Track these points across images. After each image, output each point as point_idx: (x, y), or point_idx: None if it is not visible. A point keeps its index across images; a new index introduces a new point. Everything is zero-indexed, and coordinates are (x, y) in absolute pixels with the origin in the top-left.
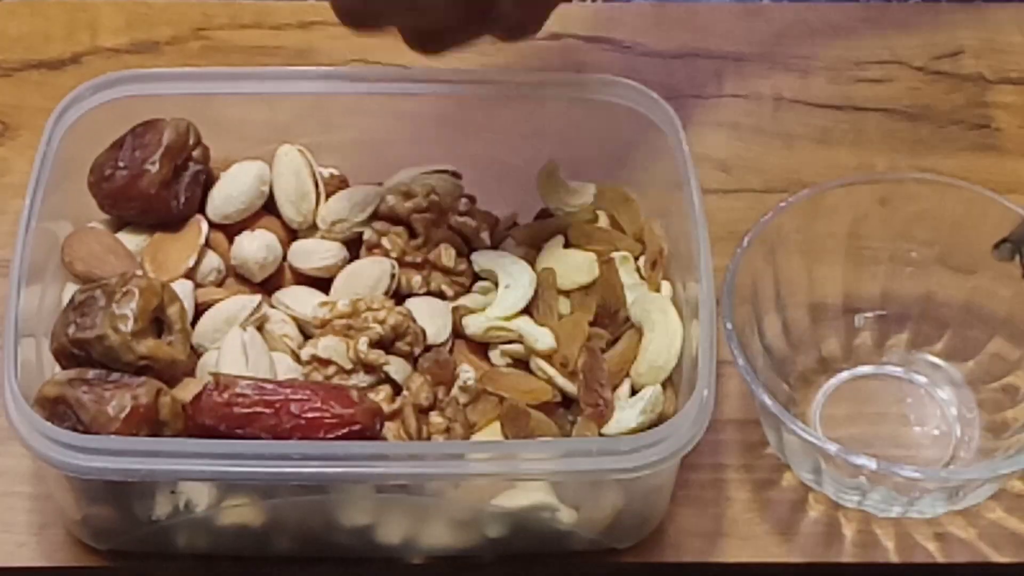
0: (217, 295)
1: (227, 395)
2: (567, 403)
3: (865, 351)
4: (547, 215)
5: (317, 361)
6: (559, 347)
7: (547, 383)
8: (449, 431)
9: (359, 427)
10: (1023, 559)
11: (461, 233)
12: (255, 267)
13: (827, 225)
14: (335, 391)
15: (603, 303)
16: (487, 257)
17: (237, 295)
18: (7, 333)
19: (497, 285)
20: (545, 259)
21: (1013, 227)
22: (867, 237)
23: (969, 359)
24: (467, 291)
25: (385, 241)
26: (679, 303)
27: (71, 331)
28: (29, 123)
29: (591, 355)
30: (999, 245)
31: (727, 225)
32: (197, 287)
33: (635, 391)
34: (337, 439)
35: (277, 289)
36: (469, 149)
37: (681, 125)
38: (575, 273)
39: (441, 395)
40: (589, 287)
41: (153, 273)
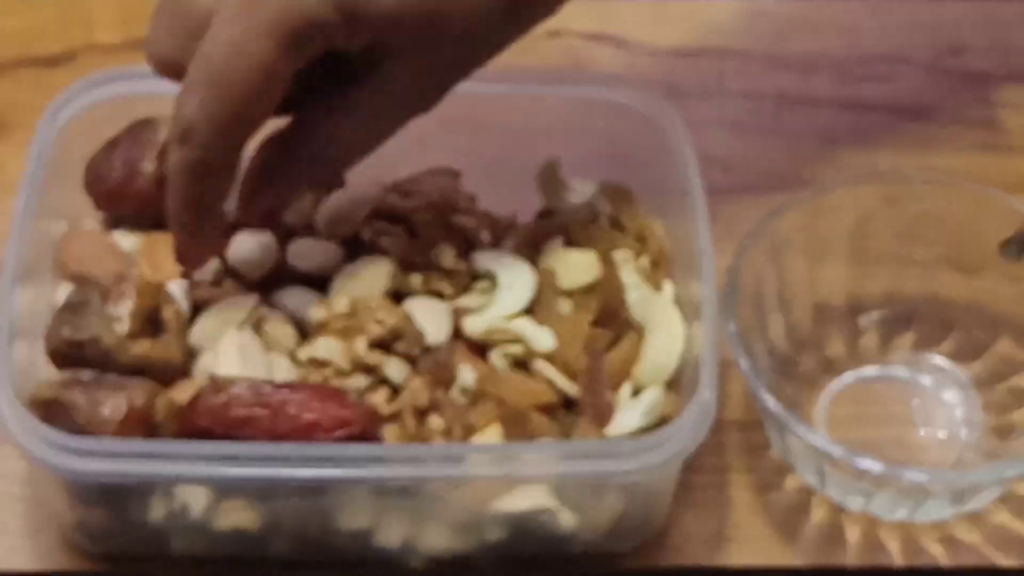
0: (214, 295)
1: (224, 397)
2: (568, 405)
3: (870, 352)
4: (547, 214)
5: (315, 362)
6: (560, 348)
7: (548, 385)
8: (448, 433)
9: (357, 429)
10: None
11: (461, 233)
12: (251, 267)
13: (831, 225)
14: (332, 393)
15: (604, 303)
16: (487, 257)
17: (234, 296)
18: (0, 334)
19: (497, 285)
20: (546, 259)
21: (1019, 226)
22: (872, 237)
23: (975, 360)
24: (467, 291)
25: (385, 241)
26: (681, 304)
27: (66, 332)
28: (23, 121)
29: (592, 356)
30: (1005, 245)
31: (730, 225)
32: (193, 287)
33: (636, 392)
34: (334, 441)
35: (276, 290)
36: (469, 148)
37: (683, 123)
38: (576, 273)
39: (440, 397)
40: (590, 287)
41: (149, 273)
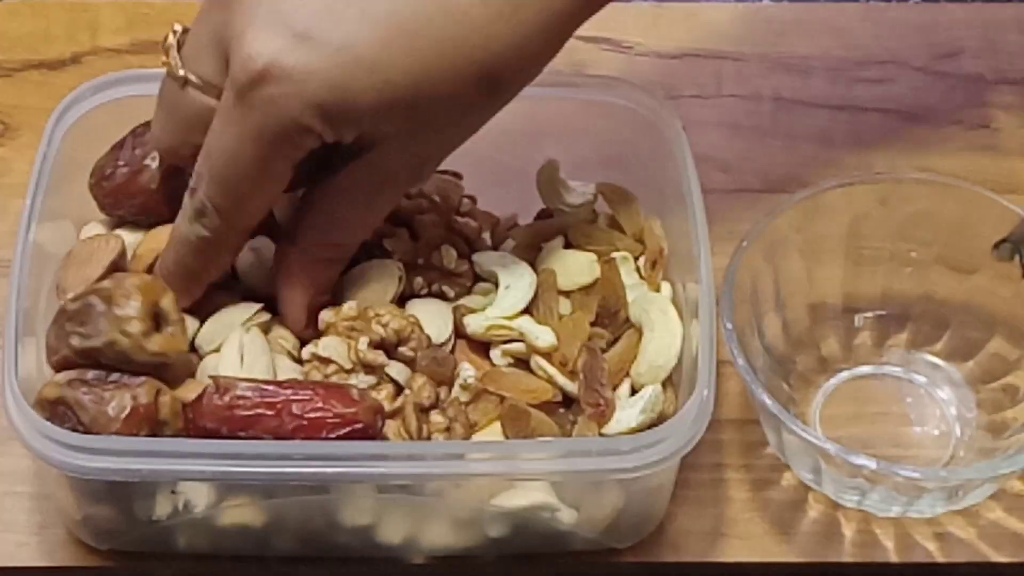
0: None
1: (228, 398)
2: (568, 403)
3: (865, 351)
4: (547, 215)
5: (317, 360)
6: (560, 347)
7: (548, 382)
8: (450, 430)
9: (361, 425)
10: (1023, 559)
11: (463, 234)
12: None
13: (827, 225)
14: (336, 390)
15: (604, 303)
16: (488, 258)
17: (241, 302)
18: (8, 334)
19: (498, 286)
20: (546, 260)
21: (1013, 227)
22: (867, 237)
23: (969, 359)
24: (468, 292)
25: (387, 243)
26: (679, 303)
27: (75, 342)
28: (29, 123)
29: (591, 355)
30: (999, 245)
31: (727, 225)
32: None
33: (635, 391)
34: (339, 438)
35: None
36: (469, 149)
37: (681, 124)
38: (576, 274)
39: (442, 395)
40: (590, 287)
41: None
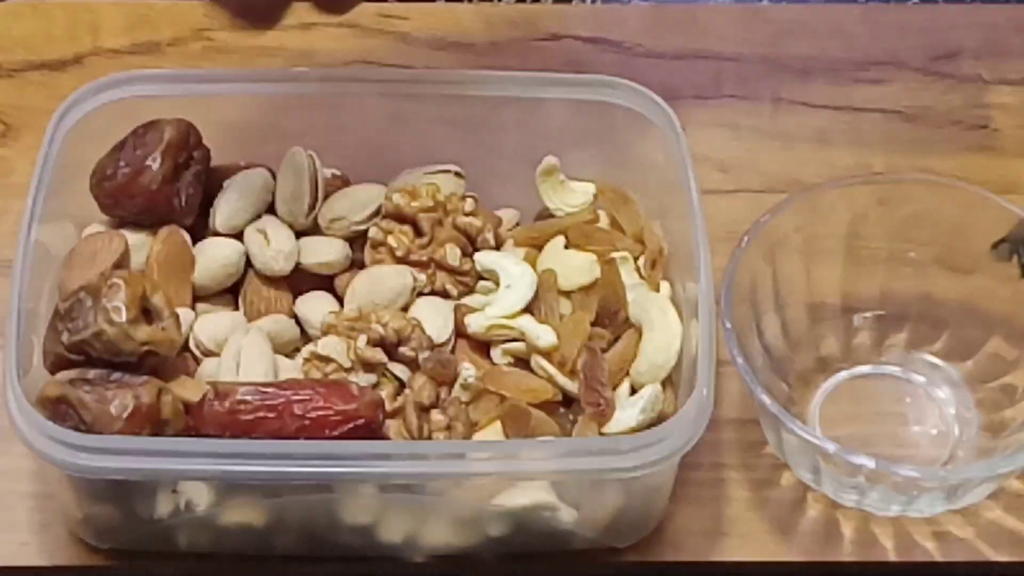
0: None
1: (228, 403)
2: (568, 402)
3: (864, 351)
4: (547, 215)
5: (317, 358)
6: (560, 346)
7: (548, 382)
8: (450, 429)
9: (363, 421)
10: (1021, 558)
11: (466, 233)
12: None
13: (826, 225)
14: (336, 387)
15: (604, 303)
16: (489, 257)
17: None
18: (9, 333)
19: (498, 285)
20: (546, 260)
21: (1011, 227)
22: (866, 237)
23: (967, 359)
24: (471, 291)
25: (391, 239)
26: (678, 303)
27: (65, 338)
28: (31, 124)
29: (591, 354)
30: (997, 245)
31: (726, 225)
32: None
33: (635, 390)
34: (342, 435)
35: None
36: (469, 150)
37: (680, 125)
38: (576, 274)
39: (443, 394)
40: (590, 287)
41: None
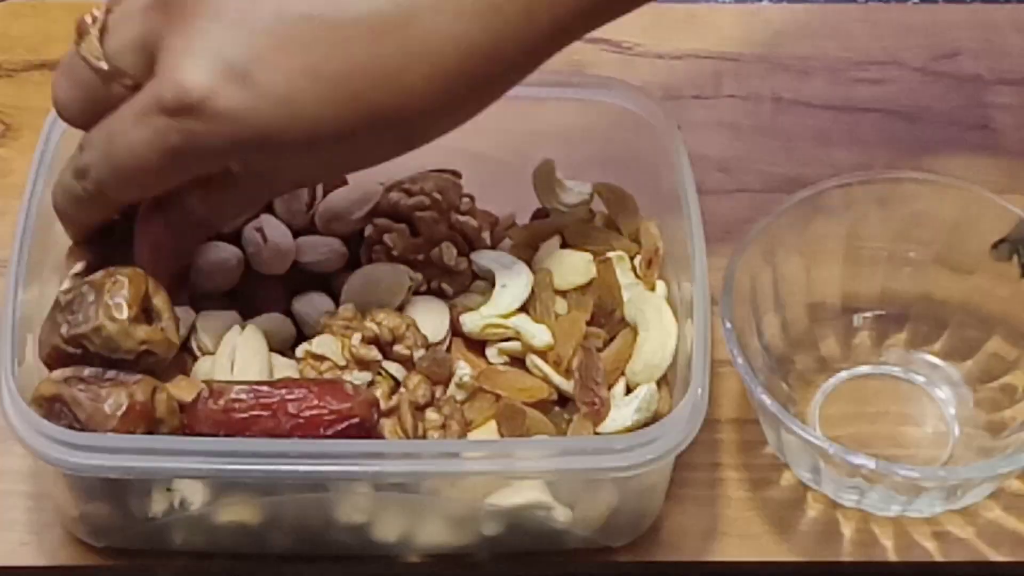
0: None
1: (222, 402)
2: (563, 401)
3: (864, 351)
4: (543, 215)
5: (311, 357)
6: (555, 346)
7: (543, 381)
8: (445, 428)
9: (358, 420)
10: (1021, 558)
11: (462, 232)
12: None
13: (826, 225)
14: (330, 386)
15: (600, 303)
16: (485, 257)
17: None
18: (4, 332)
19: (494, 284)
20: (542, 259)
21: (1011, 227)
22: (866, 237)
23: (967, 359)
24: (467, 290)
25: (387, 238)
26: (674, 302)
27: (64, 331)
28: (31, 124)
29: (586, 353)
30: (997, 245)
31: (726, 225)
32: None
33: (630, 390)
34: (337, 434)
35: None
36: (468, 149)
37: (677, 125)
38: (572, 274)
39: (439, 393)
40: (586, 287)
41: None
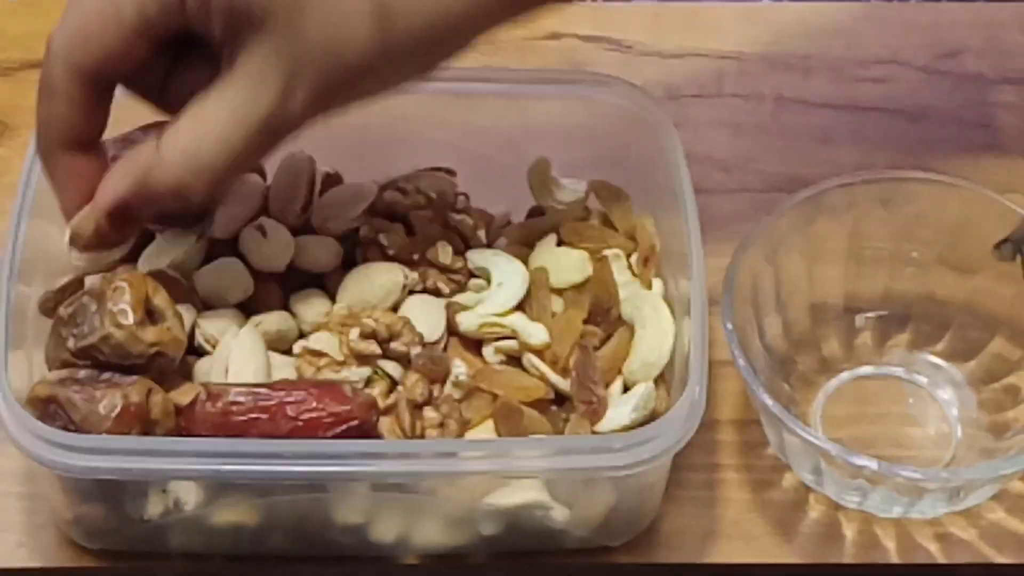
0: None
1: (220, 405)
2: (560, 400)
3: (866, 351)
4: (538, 212)
5: (309, 353)
6: (552, 345)
7: (540, 380)
8: (443, 426)
9: (356, 423)
10: None
11: (458, 231)
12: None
13: (828, 225)
14: (329, 388)
15: (596, 301)
16: (481, 255)
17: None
18: None
19: (490, 283)
20: (538, 258)
21: (1014, 227)
22: (868, 237)
23: (970, 359)
24: (463, 289)
25: (382, 237)
26: (671, 301)
27: (71, 344)
28: (29, 123)
29: (583, 352)
30: (1000, 245)
31: (728, 225)
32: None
33: (627, 388)
34: (335, 437)
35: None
36: (464, 147)
37: (673, 122)
38: (568, 272)
39: (436, 392)
40: (582, 285)
41: None
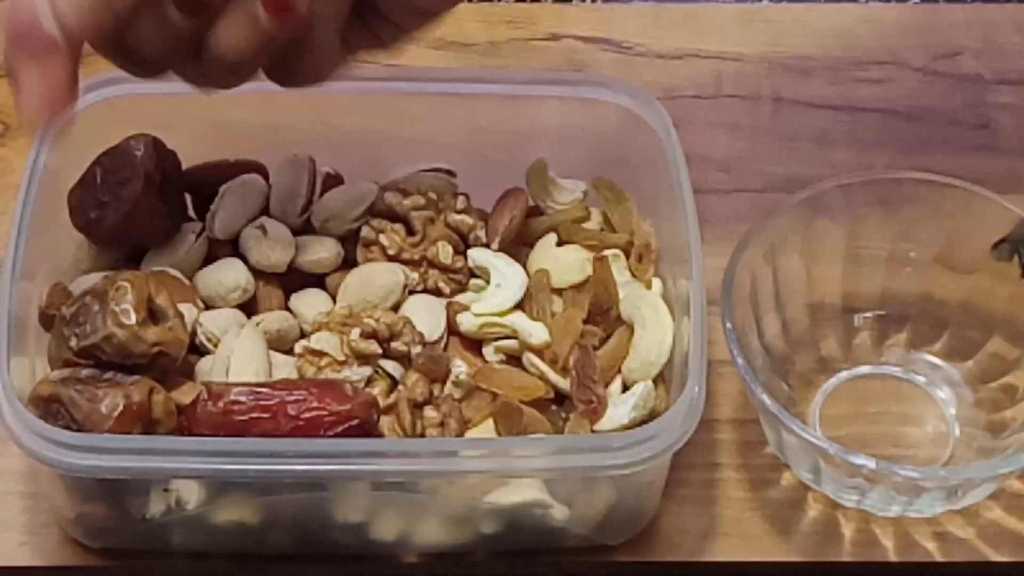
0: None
1: (221, 404)
2: (560, 400)
3: (864, 351)
4: (537, 213)
5: (310, 353)
6: (552, 344)
7: (540, 380)
8: (443, 425)
9: (357, 422)
10: (1022, 558)
11: (458, 231)
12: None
13: (826, 225)
14: (330, 387)
15: (596, 301)
16: (481, 255)
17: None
18: (0, 333)
19: (490, 283)
20: (538, 257)
21: (1012, 227)
22: (866, 237)
23: (968, 359)
24: (463, 288)
25: (383, 238)
26: (670, 300)
27: (74, 344)
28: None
29: (583, 352)
30: (998, 245)
31: (727, 225)
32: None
33: (627, 388)
34: (336, 436)
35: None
36: (463, 147)
37: (672, 122)
38: (567, 271)
39: (436, 391)
40: (581, 285)
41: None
